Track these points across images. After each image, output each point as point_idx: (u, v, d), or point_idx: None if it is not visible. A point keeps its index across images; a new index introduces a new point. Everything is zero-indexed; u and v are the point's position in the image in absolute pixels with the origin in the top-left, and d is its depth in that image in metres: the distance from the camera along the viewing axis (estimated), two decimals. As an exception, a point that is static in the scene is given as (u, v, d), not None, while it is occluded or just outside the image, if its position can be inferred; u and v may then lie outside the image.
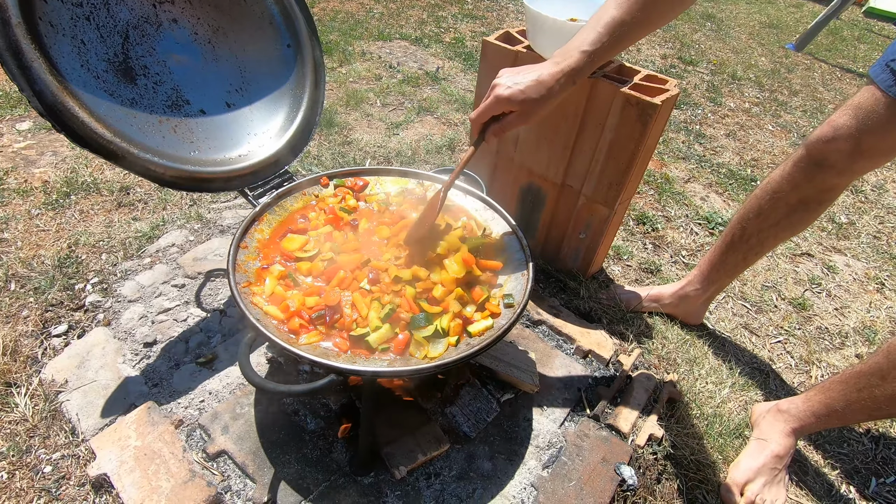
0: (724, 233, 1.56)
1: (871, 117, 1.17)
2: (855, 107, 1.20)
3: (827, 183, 1.32)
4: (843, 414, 1.28)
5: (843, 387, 1.27)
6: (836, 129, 1.23)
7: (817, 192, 1.35)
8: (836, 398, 1.28)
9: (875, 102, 1.16)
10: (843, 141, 1.22)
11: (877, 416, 1.26)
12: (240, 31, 1.36)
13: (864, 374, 1.23)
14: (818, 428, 1.36)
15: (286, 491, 1.11)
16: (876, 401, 1.20)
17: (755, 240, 1.48)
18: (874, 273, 2.23)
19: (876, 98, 1.16)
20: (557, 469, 1.23)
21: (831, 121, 1.25)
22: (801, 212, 1.39)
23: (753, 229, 1.47)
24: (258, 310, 1.03)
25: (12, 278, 1.56)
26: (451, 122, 2.81)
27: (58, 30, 1.05)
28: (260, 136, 1.39)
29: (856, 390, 1.24)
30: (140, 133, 1.16)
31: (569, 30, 1.36)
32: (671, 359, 1.63)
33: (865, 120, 1.18)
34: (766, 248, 1.50)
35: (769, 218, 1.43)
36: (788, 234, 1.46)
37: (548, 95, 1.02)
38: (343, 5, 4.18)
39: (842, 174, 1.28)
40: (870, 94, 1.17)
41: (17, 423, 1.21)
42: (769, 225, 1.44)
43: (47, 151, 2.14)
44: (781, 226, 1.43)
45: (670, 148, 2.91)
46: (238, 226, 1.27)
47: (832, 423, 1.33)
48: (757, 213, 1.45)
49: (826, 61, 4.75)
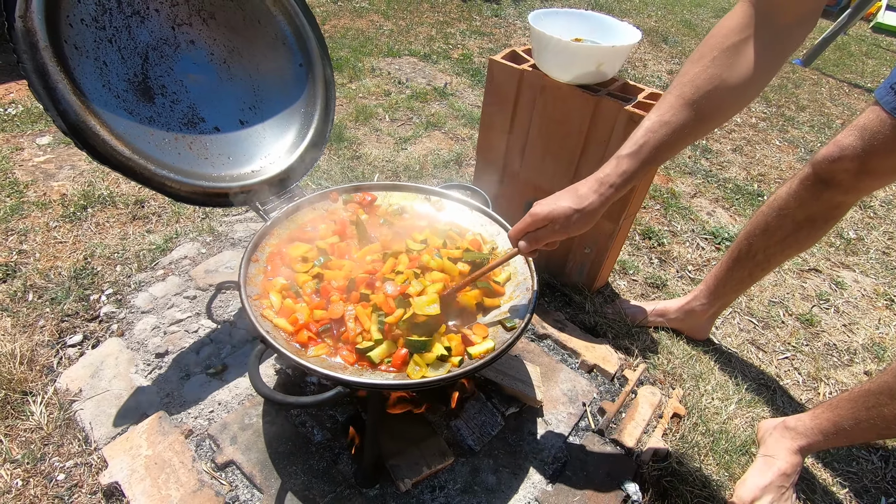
0: (731, 248, 1.57)
1: (877, 138, 1.18)
2: (860, 127, 1.22)
3: (834, 201, 1.33)
4: (852, 432, 1.27)
5: (852, 405, 1.27)
6: (842, 149, 1.24)
7: (824, 209, 1.36)
8: (845, 416, 1.28)
9: (880, 123, 1.17)
10: (849, 161, 1.23)
11: (886, 435, 1.25)
12: (254, 51, 1.41)
13: (873, 393, 1.22)
14: (826, 446, 1.35)
15: (293, 502, 1.13)
16: (885, 420, 1.20)
17: (761, 256, 1.48)
18: (883, 289, 2.22)
19: (881, 119, 1.17)
20: (562, 484, 1.23)
21: (837, 140, 1.26)
22: (807, 229, 1.40)
23: (760, 246, 1.47)
24: (268, 322, 1.05)
25: (30, 289, 1.61)
26: (459, 137, 2.85)
27: (82, 52, 1.10)
28: (272, 152, 1.43)
29: (865, 409, 1.23)
30: (157, 150, 1.21)
31: (573, 50, 1.40)
32: (677, 374, 1.63)
33: (871, 140, 1.19)
34: (773, 265, 1.51)
35: (775, 235, 1.44)
36: (795, 251, 1.47)
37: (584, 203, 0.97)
38: (354, 22, 4.27)
39: (848, 192, 1.30)
40: (875, 115, 1.19)
41: (32, 431, 1.24)
42: (775, 241, 1.45)
43: (66, 165, 2.20)
44: (788, 242, 1.43)
45: (677, 163, 2.93)
46: (249, 239, 1.30)
47: (840, 441, 1.32)
48: (763, 229, 1.46)
49: (834, 76, 4.76)
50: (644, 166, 0.95)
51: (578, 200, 0.97)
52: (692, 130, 0.93)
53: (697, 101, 0.91)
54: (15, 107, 2.52)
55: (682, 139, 0.94)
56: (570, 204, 0.97)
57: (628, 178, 0.96)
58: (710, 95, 0.90)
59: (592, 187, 0.97)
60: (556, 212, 0.98)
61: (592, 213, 0.98)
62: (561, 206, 0.98)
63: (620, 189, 0.97)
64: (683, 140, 0.94)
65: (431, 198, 1.46)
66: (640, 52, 4.65)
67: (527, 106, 1.64)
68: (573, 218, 0.98)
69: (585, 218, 0.98)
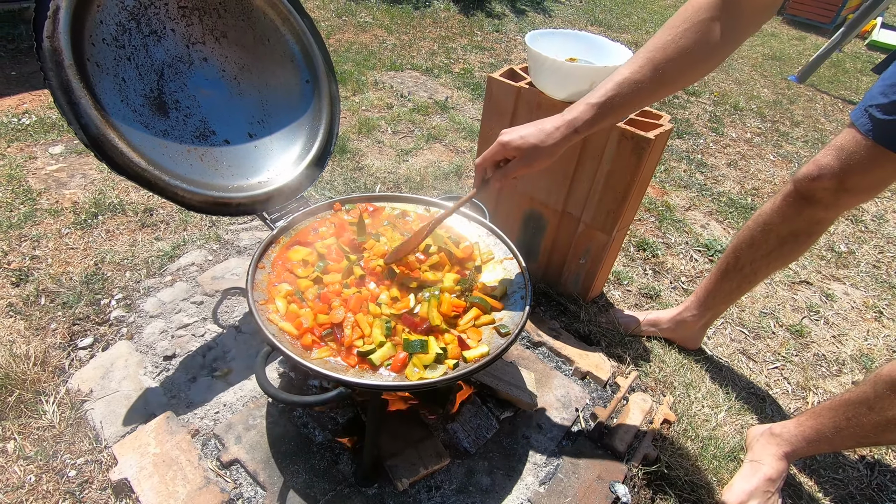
0: (720, 261, 1.62)
1: (853, 158, 1.24)
2: (838, 147, 1.28)
3: (815, 217, 1.39)
4: (833, 440, 1.32)
5: (833, 414, 1.32)
6: (821, 168, 1.30)
7: (806, 225, 1.41)
8: (827, 424, 1.32)
9: (856, 144, 1.23)
10: (828, 179, 1.29)
11: (865, 443, 1.29)
12: (263, 68, 1.48)
13: (852, 403, 1.27)
14: (810, 452, 1.39)
15: (294, 499, 1.17)
16: (863, 428, 1.24)
17: (748, 269, 1.54)
18: (872, 301, 2.27)
19: (856, 140, 1.23)
20: (553, 486, 1.28)
21: (816, 160, 1.32)
22: (791, 243, 1.46)
23: (746, 259, 1.53)
24: (274, 326, 1.11)
25: (43, 293, 1.66)
26: (459, 149, 2.92)
27: (103, 69, 1.17)
28: (278, 164, 1.50)
29: (844, 418, 1.28)
30: (171, 161, 1.27)
31: (566, 70, 1.47)
32: (668, 382, 1.67)
33: (847, 160, 1.25)
34: (760, 278, 1.56)
35: (761, 248, 1.50)
36: (780, 265, 1.52)
37: (547, 141, 1.04)
38: (358, 37, 4.37)
39: (828, 209, 1.35)
40: (851, 136, 1.25)
41: (44, 430, 1.29)
42: (761, 255, 1.50)
43: (77, 174, 2.27)
44: (773, 256, 1.49)
45: (672, 176, 2.99)
46: (255, 247, 1.36)
47: (823, 448, 1.36)
48: (749, 243, 1.51)
49: (828, 93, 4.85)
50: (607, 118, 1.03)
51: (545, 137, 1.04)
52: (652, 93, 1.01)
53: (664, 66, 0.98)
54: (29, 117, 2.60)
55: (644, 99, 1.02)
56: (536, 139, 1.05)
57: (592, 126, 1.03)
58: (675, 63, 0.98)
59: (559, 127, 1.04)
60: (524, 144, 1.05)
61: (554, 149, 1.05)
62: (528, 140, 1.05)
63: (582, 133, 1.04)
64: (644, 100, 1.02)
65: (431, 209, 1.52)
66: (638, 68, 4.74)
67: (523, 122, 1.70)
68: (537, 151, 1.05)
69: (548, 152, 1.05)
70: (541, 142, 1.05)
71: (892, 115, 1.16)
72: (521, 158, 1.07)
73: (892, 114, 1.16)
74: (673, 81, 1.00)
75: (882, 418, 1.19)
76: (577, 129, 1.03)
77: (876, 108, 1.19)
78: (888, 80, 1.18)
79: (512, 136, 1.07)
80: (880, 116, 1.18)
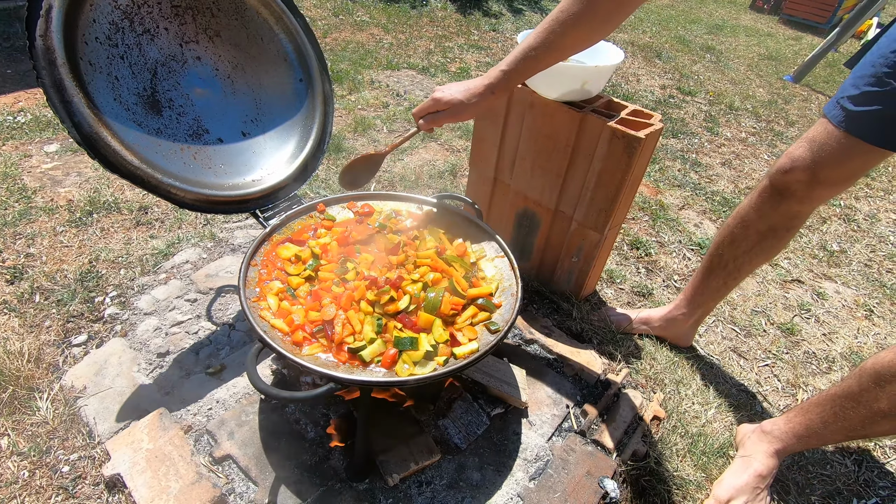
0: (704, 259, 1.64)
1: (825, 149, 1.26)
2: (810, 140, 1.30)
3: (791, 210, 1.40)
4: (823, 434, 1.33)
5: (820, 409, 1.33)
6: (794, 161, 1.32)
7: (783, 219, 1.43)
8: (815, 420, 1.34)
9: (828, 136, 1.25)
10: (801, 171, 1.31)
11: (854, 436, 1.31)
12: (257, 67, 1.49)
13: (838, 397, 1.28)
14: (800, 448, 1.40)
15: (286, 494, 1.18)
16: (851, 422, 1.26)
17: (732, 266, 1.56)
18: (863, 300, 2.29)
19: (828, 131, 1.25)
20: (544, 481, 1.29)
21: (789, 153, 1.35)
22: (771, 238, 1.47)
23: (729, 256, 1.55)
24: (266, 323, 1.12)
25: (37, 291, 1.67)
26: (454, 148, 2.94)
27: (96, 68, 1.18)
28: (272, 162, 1.51)
29: (832, 413, 1.29)
30: (164, 160, 1.28)
31: (559, 69, 1.47)
32: (658, 379, 1.69)
33: (819, 152, 1.27)
34: (744, 273, 1.58)
35: (742, 245, 1.51)
36: (763, 260, 1.54)
37: (472, 99, 1.24)
38: (354, 36, 4.38)
39: (803, 202, 1.37)
40: (823, 128, 1.27)
41: (38, 426, 1.30)
42: (743, 252, 1.52)
43: (72, 172, 2.27)
44: (755, 252, 1.51)
45: (666, 175, 3.01)
46: (249, 245, 1.37)
47: (812, 443, 1.38)
48: (731, 240, 1.53)
49: (823, 93, 4.87)
50: (514, 81, 1.23)
51: (469, 96, 1.24)
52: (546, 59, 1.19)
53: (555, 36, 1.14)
54: (24, 115, 2.60)
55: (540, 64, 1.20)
56: (462, 98, 1.25)
57: (505, 88, 1.24)
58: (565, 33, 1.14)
59: (480, 89, 1.24)
60: (453, 100, 1.25)
61: (476, 107, 1.26)
62: (456, 98, 1.25)
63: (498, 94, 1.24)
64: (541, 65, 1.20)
65: (424, 207, 1.53)
66: (634, 67, 4.77)
67: (516, 121, 1.72)
68: (463, 106, 1.25)
69: (471, 110, 1.26)
70: (466, 99, 1.24)
71: (862, 105, 1.18)
72: (450, 111, 1.27)
73: (862, 105, 1.18)
74: (562, 49, 1.17)
75: (868, 411, 1.20)
76: (493, 91, 1.23)
77: (847, 99, 1.21)
78: (858, 73, 1.20)
79: (444, 94, 1.27)
80: (851, 108, 1.20)
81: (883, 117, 1.16)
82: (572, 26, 1.11)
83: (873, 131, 1.18)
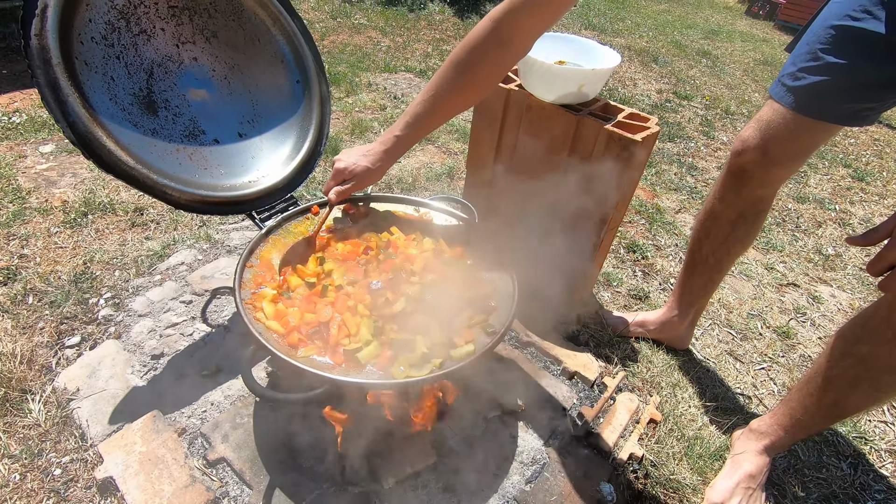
0: (685, 258, 1.66)
1: (772, 127, 1.29)
2: (758, 120, 1.33)
3: (754, 195, 1.42)
4: (807, 422, 1.33)
5: (799, 395, 1.34)
6: (745, 142, 1.35)
7: (748, 204, 1.45)
8: (796, 408, 1.34)
9: (773, 114, 1.29)
10: (752, 151, 1.34)
11: (838, 417, 1.30)
12: (253, 68, 1.49)
13: (810, 381, 1.29)
14: (789, 440, 1.39)
15: (280, 498, 1.17)
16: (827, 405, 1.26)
17: (712, 259, 1.57)
18: (858, 304, 2.29)
19: (774, 110, 1.29)
20: (540, 484, 1.29)
21: (739, 135, 1.38)
22: (742, 226, 1.49)
23: (708, 250, 1.56)
24: (261, 324, 1.11)
25: (31, 292, 1.66)
26: (451, 151, 2.94)
27: (91, 67, 1.17)
28: (268, 164, 1.50)
29: (808, 396, 1.30)
30: (160, 160, 1.27)
31: (555, 72, 1.48)
32: (655, 382, 1.69)
33: (767, 130, 1.30)
34: (726, 265, 1.59)
35: (717, 237, 1.53)
36: (740, 249, 1.55)
37: (375, 164, 1.28)
38: (352, 38, 4.38)
39: (763, 184, 1.39)
40: (769, 107, 1.31)
41: (30, 428, 1.29)
42: (719, 243, 1.53)
43: (67, 173, 2.26)
44: (730, 242, 1.52)
45: (663, 179, 3.02)
46: (244, 247, 1.36)
47: (799, 433, 1.37)
48: (705, 234, 1.55)
49: (818, 98, 4.89)
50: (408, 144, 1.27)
51: (373, 161, 1.27)
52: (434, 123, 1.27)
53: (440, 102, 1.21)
54: (19, 115, 2.59)
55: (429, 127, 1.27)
56: (367, 163, 1.27)
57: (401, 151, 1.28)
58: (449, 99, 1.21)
59: (380, 156, 1.27)
60: (356, 170, 1.28)
61: (380, 172, 1.29)
62: (360, 165, 1.28)
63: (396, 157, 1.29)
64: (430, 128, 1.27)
65: (420, 209, 1.52)
66: (630, 72, 4.79)
67: (513, 123, 1.72)
68: (368, 174, 1.28)
69: (375, 175, 1.29)
70: (372, 164, 1.28)
71: (800, 81, 1.22)
72: (357, 179, 1.29)
73: (800, 80, 1.22)
74: (444, 113, 1.24)
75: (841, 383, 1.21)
76: (391, 156, 1.28)
77: (788, 76, 1.26)
78: (796, 52, 1.26)
79: (346, 164, 1.29)
80: (791, 83, 1.24)
81: (819, 91, 1.20)
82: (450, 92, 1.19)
83: (811, 106, 1.22)
